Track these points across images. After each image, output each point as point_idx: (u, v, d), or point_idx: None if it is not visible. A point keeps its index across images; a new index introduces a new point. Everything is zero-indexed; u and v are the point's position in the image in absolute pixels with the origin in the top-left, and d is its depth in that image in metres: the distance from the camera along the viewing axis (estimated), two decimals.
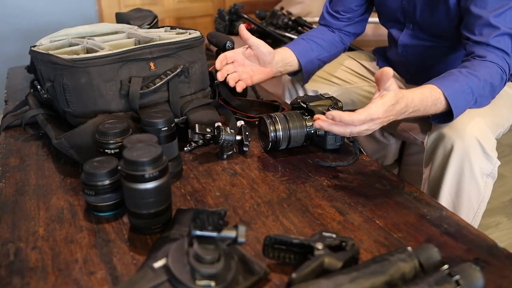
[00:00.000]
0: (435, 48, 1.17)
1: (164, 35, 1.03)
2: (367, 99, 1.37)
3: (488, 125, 0.95)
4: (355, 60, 1.38)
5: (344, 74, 1.34)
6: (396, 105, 0.80)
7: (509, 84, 1.11)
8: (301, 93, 1.31)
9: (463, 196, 0.95)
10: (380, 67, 1.35)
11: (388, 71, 0.76)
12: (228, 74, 1.03)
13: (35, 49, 0.96)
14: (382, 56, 1.37)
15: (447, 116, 0.92)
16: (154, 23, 1.28)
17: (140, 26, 1.22)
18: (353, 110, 0.78)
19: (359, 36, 1.36)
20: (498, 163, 0.95)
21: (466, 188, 0.95)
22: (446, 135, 0.93)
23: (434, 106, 0.88)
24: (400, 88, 1.23)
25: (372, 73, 1.36)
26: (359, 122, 0.77)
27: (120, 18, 1.32)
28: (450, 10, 1.04)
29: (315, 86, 1.29)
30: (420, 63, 1.22)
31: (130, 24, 1.24)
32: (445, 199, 0.97)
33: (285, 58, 1.16)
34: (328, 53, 1.28)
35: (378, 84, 0.79)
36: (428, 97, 0.87)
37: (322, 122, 0.80)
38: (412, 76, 1.29)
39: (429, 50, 1.18)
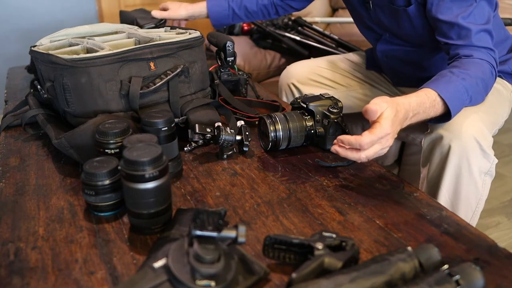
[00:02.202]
0: (414, 52, 1.18)
1: (164, 35, 1.03)
2: (364, 102, 1.37)
3: (485, 123, 0.95)
4: (351, 61, 1.39)
5: (340, 78, 1.35)
6: (398, 113, 0.78)
7: (498, 81, 1.12)
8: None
9: (461, 195, 0.96)
10: (368, 69, 1.37)
11: (369, 109, 0.76)
12: None
13: (35, 49, 0.96)
14: (372, 57, 1.38)
15: (443, 117, 0.92)
16: (161, 23, 1.29)
17: (143, 26, 1.22)
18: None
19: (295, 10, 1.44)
20: (496, 160, 0.95)
21: (464, 187, 0.95)
22: (443, 135, 0.93)
23: (433, 108, 0.87)
24: (388, 94, 1.26)
25: (365, 75, 1.37)
26: (367, 145, 0.75)
27: (125, 16, 1.32)
28: (412, 19, 1.06)
29: (312, 90, 1.30)
30: (403, 66, 1.23)
31: (137, 22, 1.24)
32: (443, 198, 0.97)
33: (194, 13, 1.38)
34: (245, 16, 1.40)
35: (368, 119, 0.78)
36: (425, 100, 0.86)
37: (337, 147, 0.78)
38: (400, 79, 1.30)
39: (409, 54, 1.19)
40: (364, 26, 1.26)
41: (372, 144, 0.76)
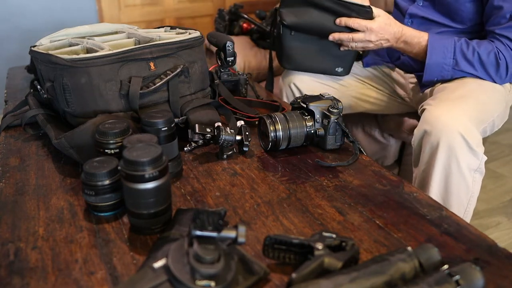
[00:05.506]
0: (441, 26, 1.17)
1: (164, 35, 1.03)
2: (364, 102, 1.37)
3: (472, 121, 0.96)
4: None
5: (341, 77, 1.35)
6: (393, 26, 1.07)
7: None
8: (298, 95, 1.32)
9: (452, 192, 0.96)
10: (365, 68, 1.37)
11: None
12: None
13: (35, 49, 0.96)
14: (371, 51, 1.37)
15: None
16: None
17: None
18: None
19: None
20: (485, 158, 0.96)
21: (454, 184, 0.95)
22: (431, 132, 0.94)
23: (418, 43, 1.10)
24: (388, 94, 1.29)
25: (366, 75, 1.37)
26: (358, 25, 1.07)
27: None
28: None
29: (313, 90, 1.29)
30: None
31: None
32: (434, 196, 0.97)
33: None
34: None
35: None
36: (415, 33, 1.10)
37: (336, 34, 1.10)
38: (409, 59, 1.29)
39: (435, 28, 1.18)
40: None
41: (362, 29, 1.07)
